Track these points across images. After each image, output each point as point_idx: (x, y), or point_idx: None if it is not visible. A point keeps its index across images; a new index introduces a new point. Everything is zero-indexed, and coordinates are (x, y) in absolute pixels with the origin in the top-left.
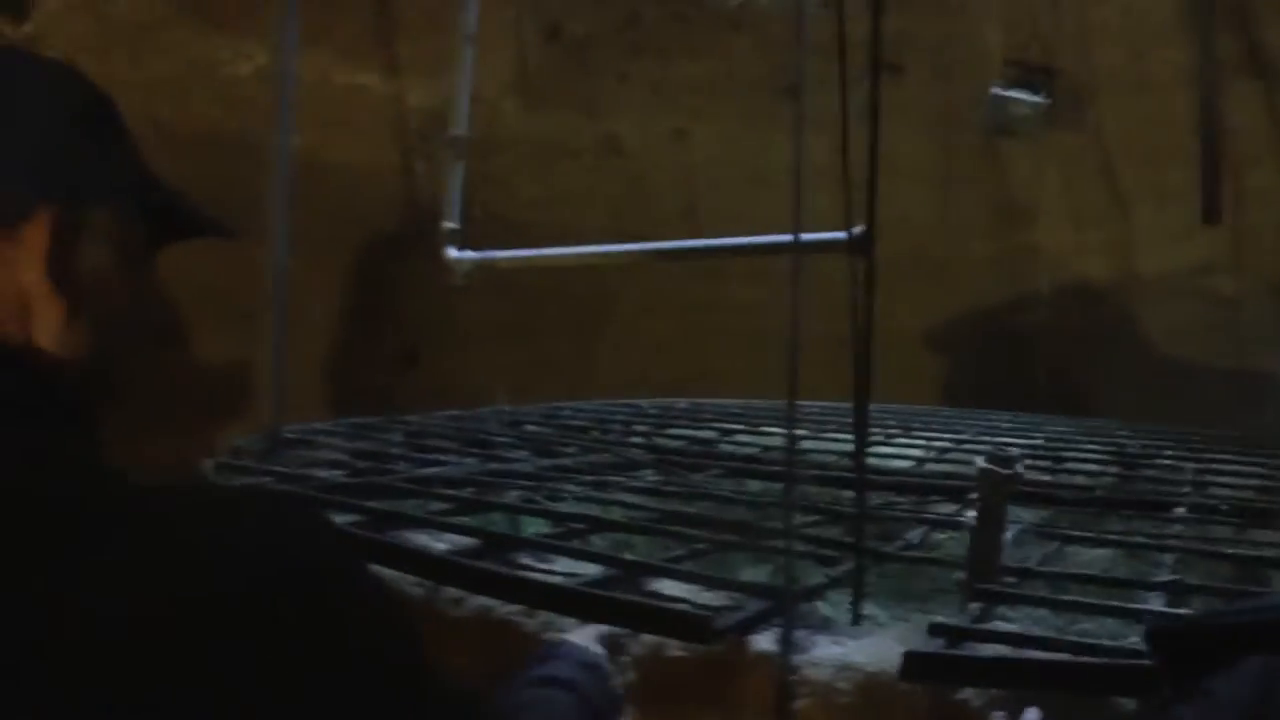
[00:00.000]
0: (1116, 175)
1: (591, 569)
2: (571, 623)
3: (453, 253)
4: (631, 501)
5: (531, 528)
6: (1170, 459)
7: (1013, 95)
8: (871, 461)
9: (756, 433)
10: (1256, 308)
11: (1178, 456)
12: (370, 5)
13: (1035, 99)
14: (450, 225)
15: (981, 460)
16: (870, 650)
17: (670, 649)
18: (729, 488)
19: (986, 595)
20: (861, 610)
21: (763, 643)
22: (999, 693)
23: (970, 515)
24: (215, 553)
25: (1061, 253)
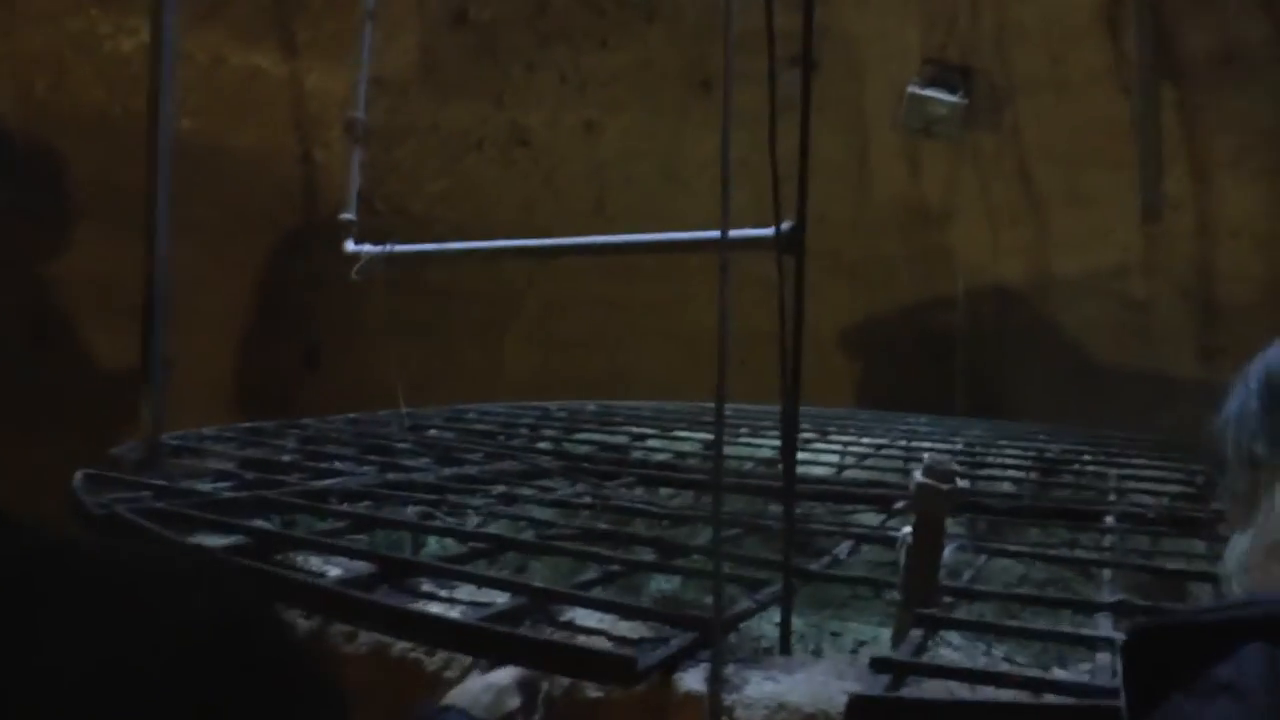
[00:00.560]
0: (1033, 177)
1: (499, 597)
2: (471, 661)
3: (350, 246)
4: (540, 516)
5: (432, 547)
6: (1092, 464)
7: (930, 94)
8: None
9: (669, 437)
10: (1168, 310)
11: (1099, 461)
12: None
13: (953, 99)
14: (348, 216)
15: (917, 472)
16: (807, 688)
17: (588, 690)
18: (642, 498)
19: (927, 621)
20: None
21: (690, 680)
22: None
23: (902, 529)
24: (139, 623)
25: (978, 254)
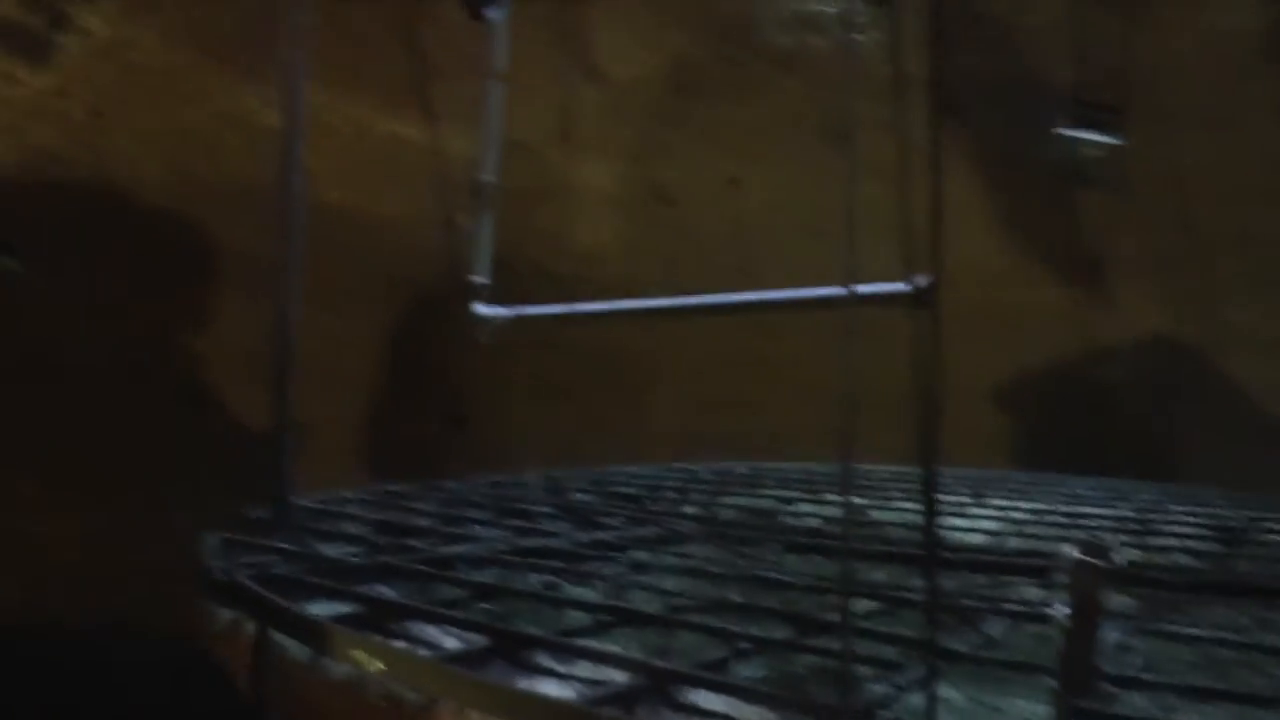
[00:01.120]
0: (1197, 219)
1: (618, 674)
2: None
3: (480, 309)
4: (671, 587)
5: (559, 618)
6: None
7: (1082, 136)
8: (942, 536)
9: (819, 501)
10: None
11: None
12: (405, 52)
13: (1106, 139)
14: (478, 279)
15: (1072, 548)
16: None
17: None
18: (791, 566)
19: (1083, 716)
20: None
21: None
22: None
23: (1060, 607)
24: None
25: (1139, 302)
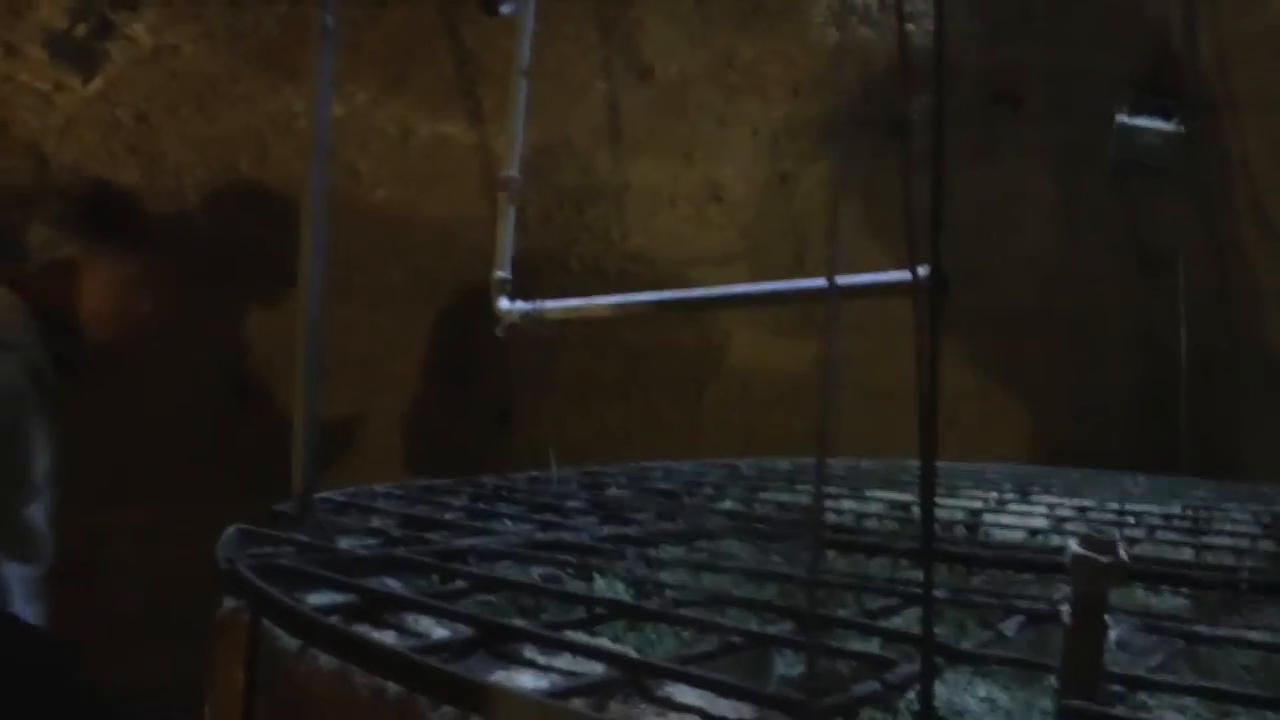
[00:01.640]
0: (1266, 208)
1: (598, 668)
2: None
3: (504, 304)
4: (675, 581)
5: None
6: None
7: (1141, 123)
8: (979, 531)
9: (859, 498)
10: None
11: None
12: (449, 52)
13: (1167, 126)
14: (501, 275)
15: (1074, 542)
16: None
17: None
18: (831, 564)
19: (1079, 716)
20: None
21: None
22: None
23: (1062, 606)
24: None
25: (1204, 297)
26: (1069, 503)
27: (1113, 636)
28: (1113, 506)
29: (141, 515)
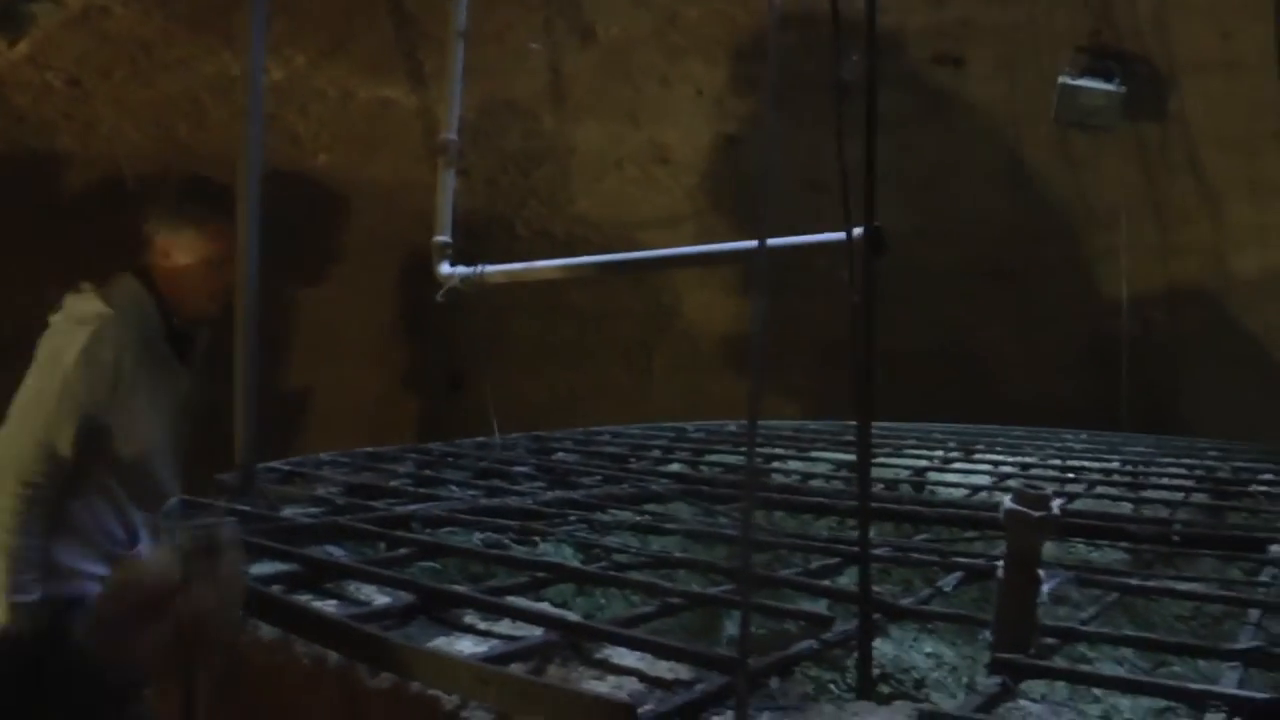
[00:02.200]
0: (1205, 167)
1: (537, 630)
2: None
3: (445, 268)
4: (616, 544)
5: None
6: (1269, 485)
7: (1084, 84)
8: (922, 489)
9: (805, 458)
10: None
11: (1278, 482)
12: (389, 15)
13: (1109, 87)
14: (441, 239)
15: (1008, 499)
16: None
17: None
18: (777, 523)
19: (1009, 668)
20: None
21: None
22: None
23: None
24: None
25: (1145, 254)
26: (1012, 460)
27: (1045, 590)
28: (1055, 463)
29: None
